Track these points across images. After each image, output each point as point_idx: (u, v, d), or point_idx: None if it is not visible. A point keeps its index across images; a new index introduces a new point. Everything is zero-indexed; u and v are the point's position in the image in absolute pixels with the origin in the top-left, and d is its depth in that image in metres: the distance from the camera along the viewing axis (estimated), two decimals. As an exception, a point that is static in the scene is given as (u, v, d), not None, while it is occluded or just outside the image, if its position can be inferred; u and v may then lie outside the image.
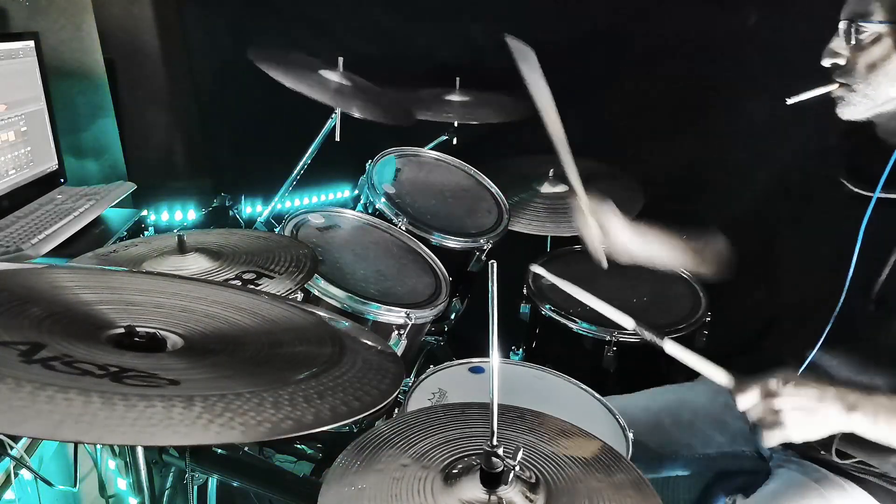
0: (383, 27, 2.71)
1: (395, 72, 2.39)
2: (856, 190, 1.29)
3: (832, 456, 1.31)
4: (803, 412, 1.13)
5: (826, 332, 1.29)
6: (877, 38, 1.19)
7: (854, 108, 1.26)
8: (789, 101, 1.30)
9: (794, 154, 1.98)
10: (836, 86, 1.26)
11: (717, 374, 1.22)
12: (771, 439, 1.15)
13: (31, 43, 1.87)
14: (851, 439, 1.28)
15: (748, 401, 1.17)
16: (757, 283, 1.67)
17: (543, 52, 2.61)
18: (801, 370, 1.33)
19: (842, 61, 1.24)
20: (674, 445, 1.56)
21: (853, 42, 1.21)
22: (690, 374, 1.70)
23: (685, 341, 1.84)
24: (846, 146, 1.37)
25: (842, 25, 1.23)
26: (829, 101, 1.29)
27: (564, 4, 2.57)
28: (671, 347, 1.22)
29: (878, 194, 1.22)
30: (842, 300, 1.26)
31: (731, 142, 2.50)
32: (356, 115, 2.17)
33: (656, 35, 2.47)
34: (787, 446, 1.40)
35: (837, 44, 1.24)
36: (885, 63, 1.19)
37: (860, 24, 1.19)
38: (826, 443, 1.31)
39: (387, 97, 2.33)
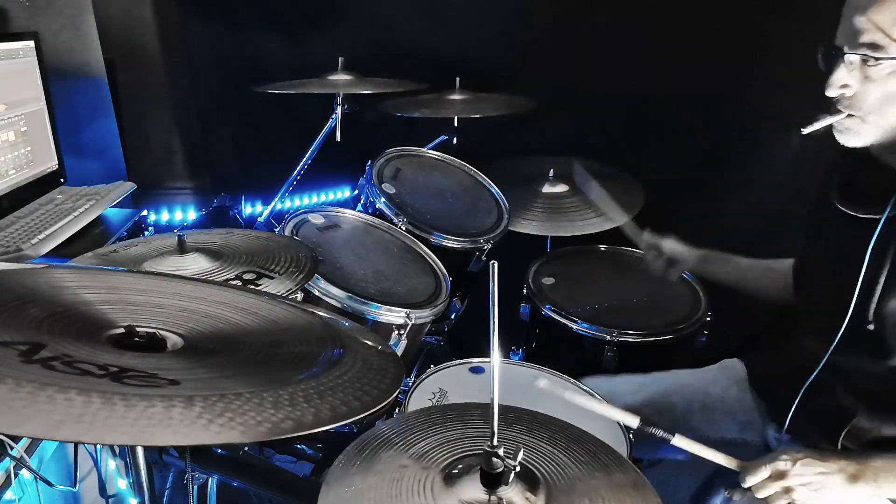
0: (383, 27, 2.71)
1: (395, 72, 2.39)
2: (845, 210, 1.29)
3: (837, 450, 1.33)
4: (811, 489, 1.20)
5: (836, 341, 1.30)
6: (892, 72, 1.14)
7: (862, 138, 1.23)
8: (804, 131, 1.26)
9: (794, 158, 1.99)
10: (845, 116, 1.22)
11: (726, 461, 1.26)
12: None
13: (31, 43, 1.87)
14: (857, 435, 1.30)
15: (757, 479, 1.22)
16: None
17: (545, 52, 2.62)
18: (815, 373, 1.35)
19: (850, 92, 1.19)
20: (682, 426, 1.57)
21: (866, 75, 1.17)
22: (697, 364, 1.71)
23: (685, 341, 1.87)
24: (839, 166, 1.37)
25: (852, 58, 1.17)
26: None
27: (566, 5, 2.57)
28: (680, 441, 1.24)
29: (886, 215, 1.22)
30: (849, 316, 1.27)
31: (731, 142, 2.50)
32: (365, 92, 2.19)
33: (657, 36, 2.47)
34: (793, 439, 1.42)
35: (844, 75, 1.18)
36: None
37: (878, 59, 1.14)
38: (831, 438, 1.33)
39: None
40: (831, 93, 1.21)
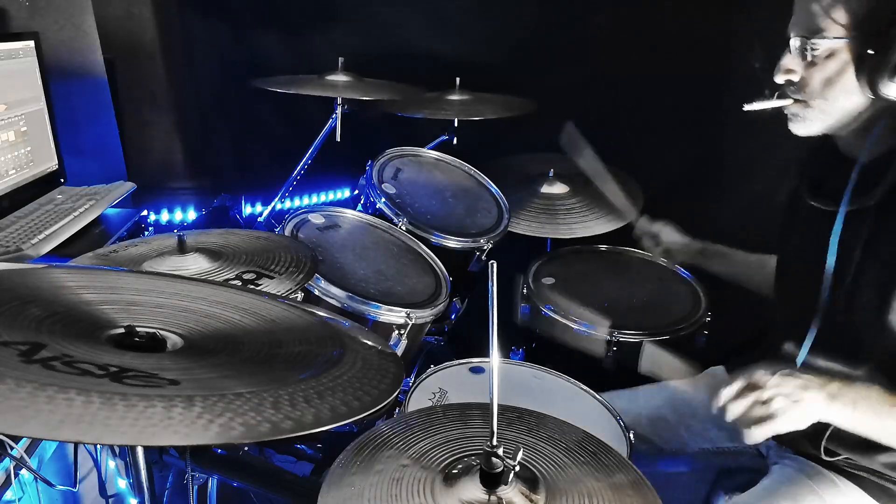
0: (383, 27, 2.71)
1: (395, 72, 2.39)
2: (815, 205, 1.29)
3: (820, 454, 1.31)
4: (788, 401, 1.13)
5: (812, 338, 1.29)
6: (831, 54, 1.18)
7: (809, 125, 1.25)
8: (746, 108, 1.29)
9: (784, 158, 1.99)
10: (791, 102, 1.25)
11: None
12: (756, 433, 1.14)
13: (31, 43, 1.87)
14: (839, 438, 1.29)
15: (732, 391, 1.16)
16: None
17: (545, 53, 2.62)
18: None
19: (795, 78, 1.23)
20: (675, 440, 1.57)
21: (807, 59, 1.20)
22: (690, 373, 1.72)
23: (685, 341, 1.87)
24: (810, 161, 1.37)
25: (794, 42, 1.21)
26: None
27: (565, 6, 2.57)
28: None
29: (843, 209, 1.21)
30: (820, 313, 1.26)
31: (729, 142, 2.50)
32: (364, 98, 2.19)
33: (656, 36, 2.48)
34: (782, 443, 1.42)
35: (790, 60, 1.23)
36: (840, 78, 1.18)
37: (814, 41, 1.18)
38: (815, 443, 1.32)
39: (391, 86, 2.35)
40: (778, 79, 1.25)
